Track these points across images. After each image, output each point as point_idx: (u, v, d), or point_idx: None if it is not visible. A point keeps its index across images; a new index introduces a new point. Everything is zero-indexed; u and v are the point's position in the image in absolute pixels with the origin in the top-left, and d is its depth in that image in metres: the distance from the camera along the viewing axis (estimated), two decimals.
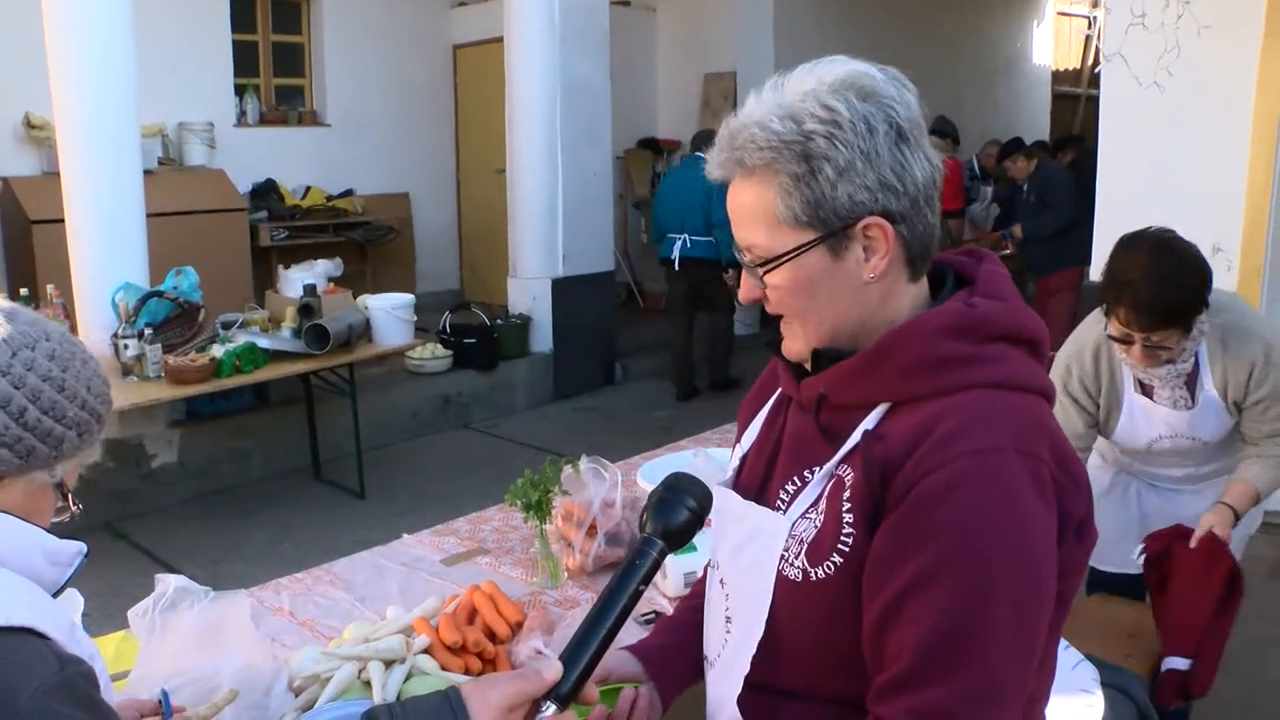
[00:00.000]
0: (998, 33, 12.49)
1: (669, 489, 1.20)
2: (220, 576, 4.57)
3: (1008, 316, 1.21)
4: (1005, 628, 1.07)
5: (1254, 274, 4.78)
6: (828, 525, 1.19)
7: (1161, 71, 4.60)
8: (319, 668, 1.72)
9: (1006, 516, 1.08)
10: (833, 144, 1.13)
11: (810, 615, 1.20)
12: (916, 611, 1.08)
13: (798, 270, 1.19)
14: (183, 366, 4.71)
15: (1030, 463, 1.11)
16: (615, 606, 1.13)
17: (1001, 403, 1.15)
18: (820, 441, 1.25)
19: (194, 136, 7.76)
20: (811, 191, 1.15)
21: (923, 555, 1.08)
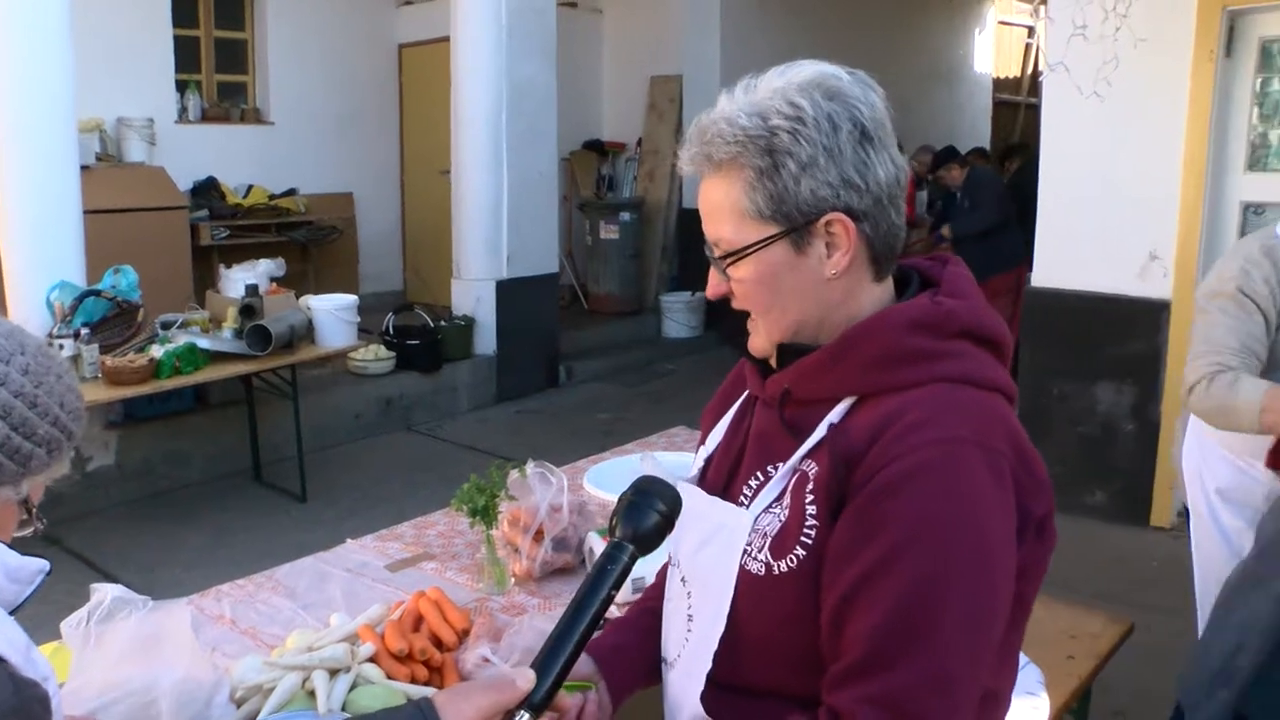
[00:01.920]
0: (941, 40, 12.64)
1: (638, 493, 1.20)
2: (157, 582, 4.49)
3: (971, 314, 1.23)
4: (958, 616, 1.09)
5: (1188, 281, 4.88)
6: (792, 518, 1.20)
7: (1101, 81, 4.68)
8: (261, 678, 1.70)
9: (962, 506, 1.10)
10: (796, 140, 1.16)
11: (773, 609, 1.21)
12: (870, 600, 1.10)
13: (761, 264, 1.22)
14: (121, 367, 4.62)
15: (989, 455, 1.13)
16: (587, 612, 1.13)
17: (963, 396, 1.17)
18: (785, 437, 1.26)
19: (133, 132, 7.63)
20: (775, 186, 1.17)
21: (878, 543, 1.10)
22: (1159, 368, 5.00)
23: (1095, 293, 5.14)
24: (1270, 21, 4.75)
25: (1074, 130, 5.10)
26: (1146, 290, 5.00)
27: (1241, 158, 4.86)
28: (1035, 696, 1.99)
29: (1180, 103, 4.81)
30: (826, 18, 10.09)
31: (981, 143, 12.18)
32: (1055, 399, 5.24)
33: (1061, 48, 4.89)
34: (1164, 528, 5.06)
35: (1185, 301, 4.91)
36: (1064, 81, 4.91)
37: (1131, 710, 3.53)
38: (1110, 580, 4.50)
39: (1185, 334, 4.90)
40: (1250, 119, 4.83)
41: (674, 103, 9.89)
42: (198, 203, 7.88)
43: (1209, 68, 4.72)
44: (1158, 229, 4.94)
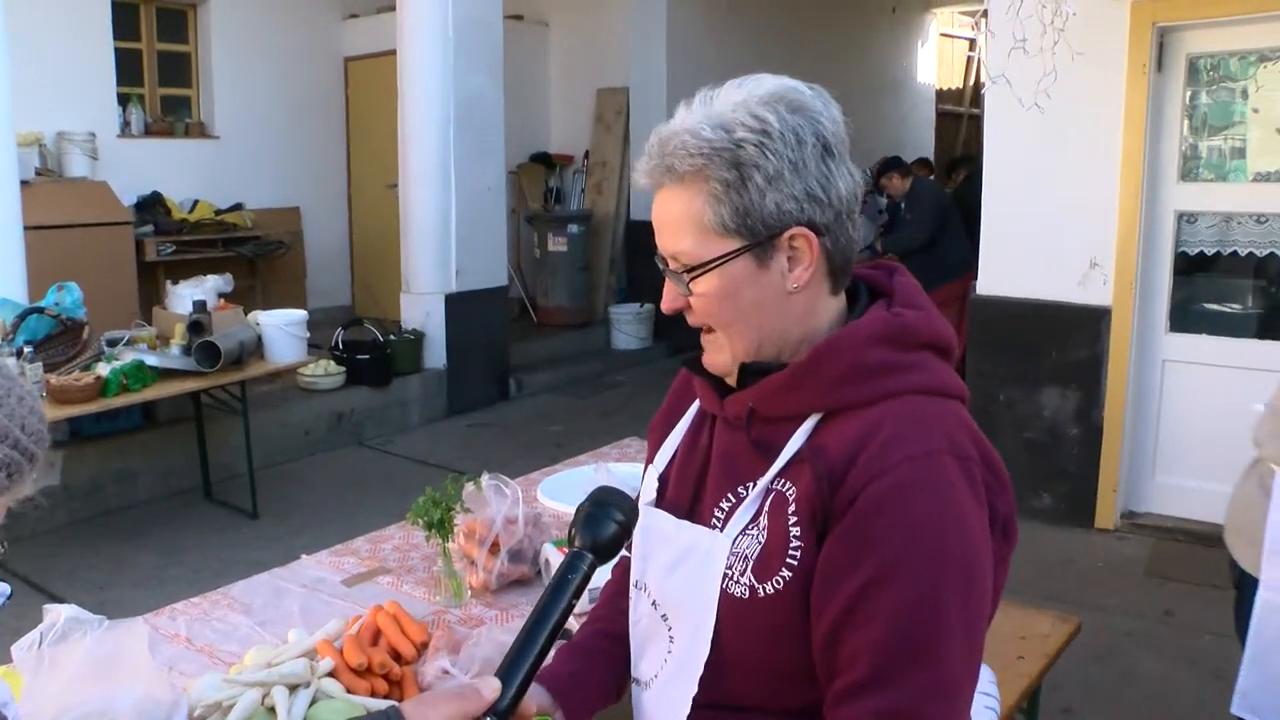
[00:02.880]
0: (885, 53, 12.80)
1: (596, 503, 1.20)
2: (107, 602, 4.43)
3: (928, 325, 1.25)
4: (956, 625, 1.11)
5: (1127, 288, 4.99)
6: (774, 540, 1.20)
7: (1041, 94, 4.77)
8: (220, 695, 1.69)
9: (948, 518, 1.13)
10: (763, 153, 1.16)
11: (759, 630, 1.21)
12: (869, 616, 1.11)
13: (724, 278, 1.21)
14: (66, 386, 4.56)
15: (963, 464, 1.16)
16: (549, 621, 1.14)
17: (930, 407, 1.19)
18: (753, 456, 1.26)
19: (74, 147, 7.52)
20: (741, 199, 1.17)
21: (872, 561, 1.11)
22: (1100, 373, 5.11)
23: (1038, 300, 5.24)
24: (1197, 38, 4.88)
25: (1015, 141, 5.21)
26: (1087, 297, 5.11)
27: (1174, 168, 4.99)
28: (989, 696, 2.03)
29: (1116, 115, 4.92)
30: (772, 30, 10.19)
31: (925, 153, 12.34)
32: (1001, 405, 5.33)
33: (1002, 61, 4.97)
34: (1108, 529, 5.16)
35: (1124, 308, 5.03)
36: (1005, 94, 4.99)
37: (1079, 707, 3.60)
38: (1057, 581, 4.59)
39: (1125, 339, 5.03)
40: (1181, 131, 4.96)
41: (621, 115, 9.93)
42: (142, 218, 7.79)
43: (1142, 82, 4.84)
44: (1097, 237, 5.05)
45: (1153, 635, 4.16)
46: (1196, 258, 5.09)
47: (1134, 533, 5.16)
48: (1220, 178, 5.03)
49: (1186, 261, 5.11)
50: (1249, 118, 4.93)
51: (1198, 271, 5.19)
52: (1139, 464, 5.25)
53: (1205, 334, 5.09)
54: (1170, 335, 5.12)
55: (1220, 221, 4.97)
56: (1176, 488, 5.17)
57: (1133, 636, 4.15)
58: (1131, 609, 4.39)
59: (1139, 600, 4.47)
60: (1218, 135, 5.03)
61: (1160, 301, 5.10)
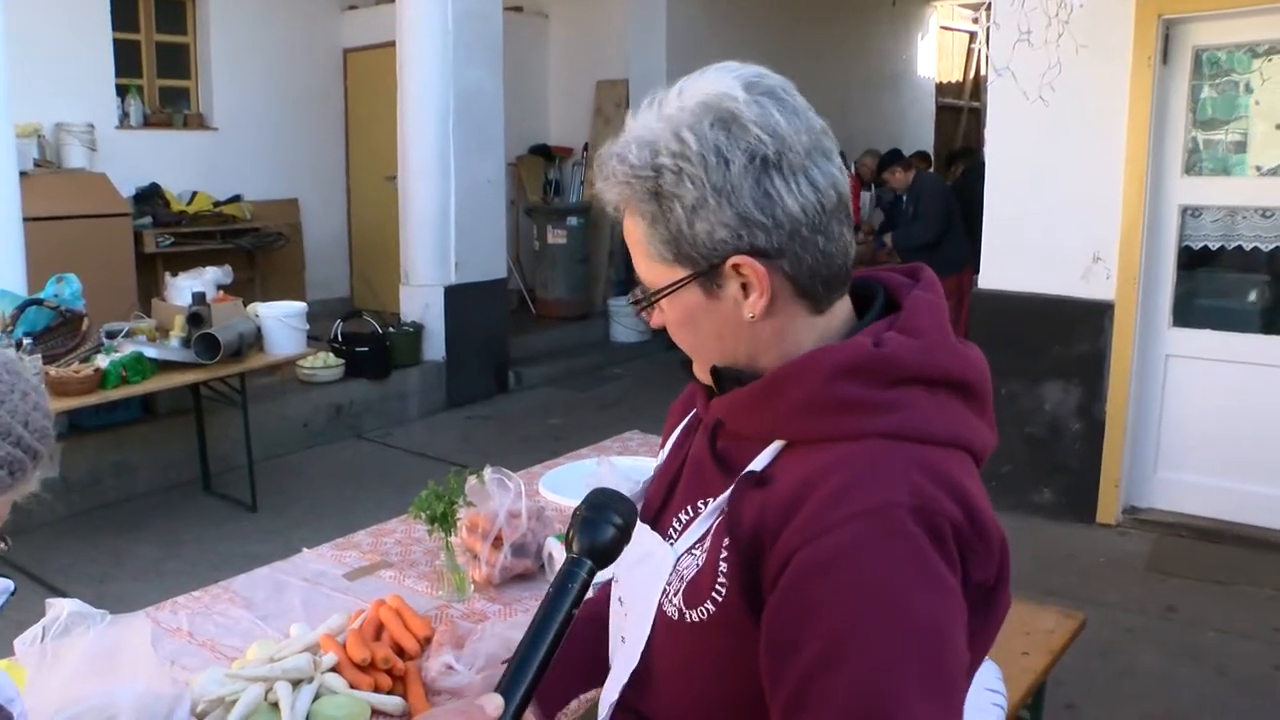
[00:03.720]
0: (884, 45, 12.78)
1: (593, 506, 1.16)
2: (106, 595, 4.42)
3: (921, 357, 1.09)
4: (918, 698, 0.96)
5: (1130, 283, 4.98)
6: (707, 568, 1.13)
7: (1045, 86, 4.76)
8: (223, 690, 1.68)
9: (901, 583, 0.98)
10: (680, 180, 1.05)
11: (680, 654, 1.17)
12: (820, 699, 0.98)
13: (676, 307, 1.14)
14: (65, 378, 4.54)
15: (929, 520, 1.00)
16: (549, 632, 1.10)
17: (899, 455, 1.04)
18: (715, 470, 1.19)
19: (73, 138, 7.49)
20: (667, 230, 1.08)
21: (816, 636, 0.99)
22: (1103, 368, 5.09)
23: (1040, 294, 5.22)
24: (1203, 31, 4.86)
25: (1019, 134, 5.19)
26: (1090, 292, 5.09)
27: (1178, 162, 4.97)
28: (996, 693, 2.02)
29: (1121, 108, 4.90)
30: (772, 22, 10.17)
31: (925, 146, 12.33)
32: (1004, 399, 5.31)
33: (1007, 53, 4.96)
34: (1110, 524, 5.15)
35: (1128, 302, 5.02)
36: (1009, 86, 4.98)
37: (1082, 703, 3.59)
38: (1059, 576, 4.58)
39: (1128, 334, 5.02)
40: (1186, 125, 4.94)
41: (620, 107, 9.90)
42: (141, 210, 7.77)
43: (1147, 74, 4.82)
44: (1101, 231, 5.03)
45: (1155, 631, 4.15)
46: (1200, 252, 5.08)
47: (1136, 528, 5.15)
48: (1224, 172, 5.01)
49: (1190, 256, 5.09)
50: (1252, 111, 4.91)
51: (1201, 266, 5.18)
52: (1141, 459, 5.24)
53: (1209, 329, 5.07)
54: (1173, 330, 5.10)
55: (1225, 215, 4.95)
56: (1179, 483, 5.16)
57: (1135, 632, 4.14)
58: (1133, 605, 4.38)
59: (1141, 596, 4.46)
60: (1221, 129, 5.01)
61: (1163, 296, 5.09)
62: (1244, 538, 4.93)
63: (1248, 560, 4.77)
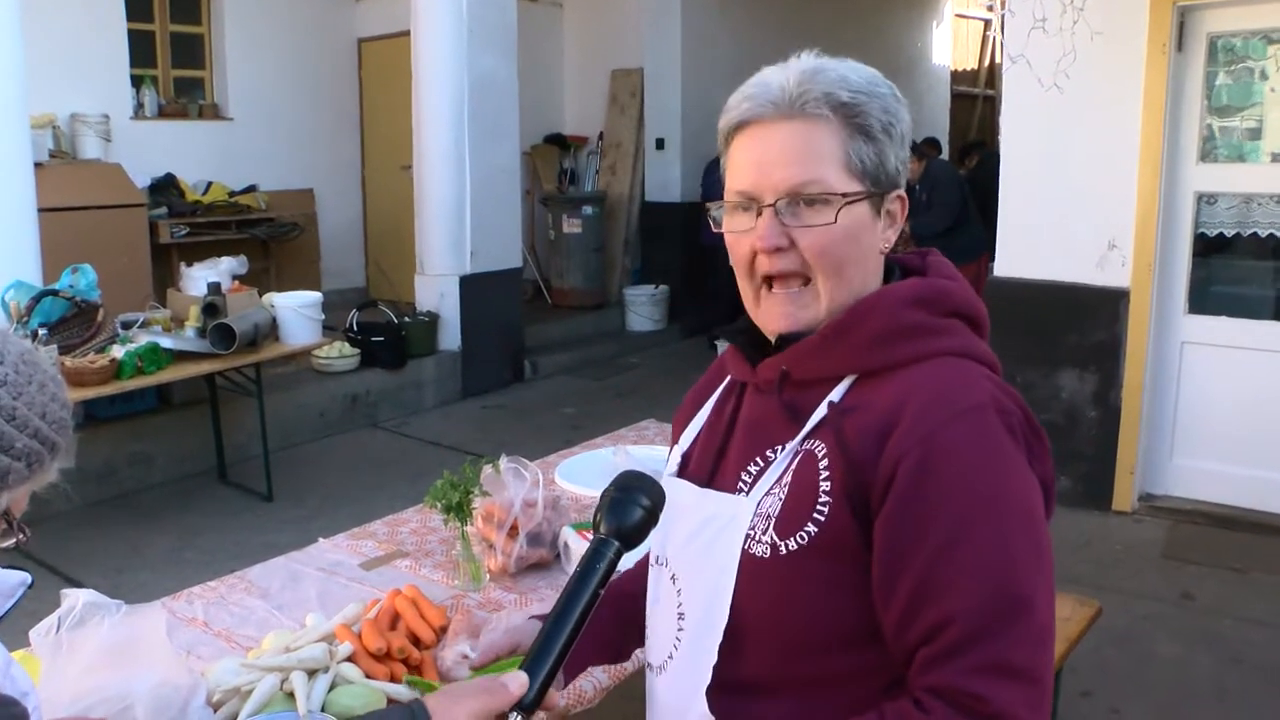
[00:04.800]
0: (899, 33, 12.71)
1: (621, 489, 1.18)
2: (122, 585, 4.45)
3: (962, 293, 1.27)
4: (1033, 567, 1.11)
5: (1146, 270, 4.95)
6: (802, 494, 1.18)
7: (1060, 74, 4.74)
8: (239, 680, 1.69)
9: (1003, 467, 1.13)
10: (896, 116, 1.22)
11: (779, 590, 1.19)
12: (950, 580, 1.09)
13: (852, 218, 1.21)
14: (81, 368, 4.56)
15: (1005, 417, 1.15)
16: (574, 610, 1.11)
17: (966, 368, 1.20)
18: (783, 420, 1.25)
19: (88, 129, 7.53)
20: (882, 146, 1.22)
21: (939, 524, 1.10)
22: (1119, 355, 5.07)
23: (1056, 282, 5.20)
24: (1218, 18, 4.82)
25: (1034, 122, 5.16)
26: (1106, 279, 5.07)
27: (1194, 149, 4.94)
28: None
29: (1135, 95, 4.87)
30: (785, 9, 10.12)
31: (940, 134, 12.28)
32: (1019, 386, 5.24)
33: (1022, 40, 4.93)
34: (1126, 512, 5.14)
35: (1143, 289, 4.99)
36: (1024, 74, 4.96)
37: (1098, 690, 3.58)
38: (1076, 564, 4.56)
39: (1144, 321, 4.99)
40: (1201, 112, 4.91)
41: (635, 96, 9.89)
42: (156, 200, 7.79)
43: (1162, 61, 4.79)
44: (1116, 219, 5.01)
45: (1171, 618, 4.14)
46: (1216, 239, 5.05)
47: (1152, 515, 5.13)
48: (1239, 158, 4.98)
49: (1205, 243, 5.06)
50: (1267, 98, 4.87)
51: (1217, 253, 5.14)
52: (1157, 446, 5.21)
53: (1225, 315, 5.04)
54: (1189, 317, 5.08)
55: (1240, 203, 4.92)
56: (1195, 470, 5.14)
57: (1151, 619, 4.13)
58: (1149, 592, 4.37)
59: (1157, 583, 4.45)
60: (1236, 116, 4.97)
61: (1179, 283, 5.06)
62: (1260, 524, 4.91)
63: (1264, 547, 4.75)
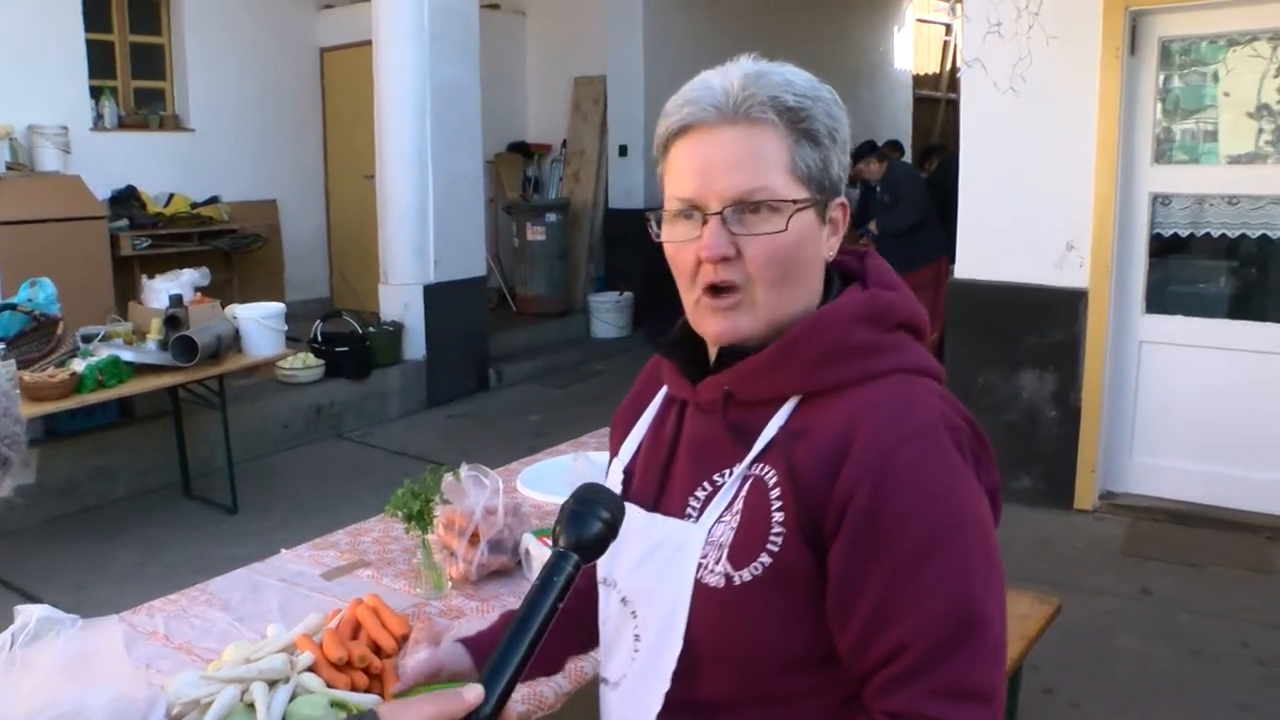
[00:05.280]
0: (861, 37, 12.80)
1: (580, 501, 1.17)
2: (84, 601, 4.41)
3: (905, 305, 1.25)
4: (988, 586, 1.11)
5: (1103, 270, 5.02)
6: (754, 525, 1.17)
7: (1017, 77, 4.79)
8: (198, 692, 1.68)
9: (956, 488, 1.13)
10: (833, 118, 1.20)
11: (735, 620, 1.18)
12: (908, 601, 1.09)
13: (798, 225, 1.18)
14: (40, 383, 4.52)
15: (953, 434, 1.15)
16: (532, 624, 1.09)
17: (915, 385, 1.18)
18: (729, 442, 1.23)
19: (46, 140, 7.43)
20: (826, 151, 1.20)
21: (897, 546, 1.09)
22: (1078, 355, 5.13)
23: (1015, 283, 5.26)
24: (1169, 22, 4.90)
25: (991, 125, 5.21)
26: (1064, 280, 5.13)
27: (1148, 151, 5.01)
28: None
29: (1091, 98, 4.93)
30: (749, 16, 10.17)
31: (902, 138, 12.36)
32: (980, 388, 5.35)
33: (978, 44, 4.99)
34: (1086, 510, 5.19)
35: (1101, 290, 5.06)
36: (981, 77, 5.01)
37: (1059, 687, 3.62)
38: (1037, 562, 4.61)
39: (1102, 321, 5.06)
40: (1154, 114, 4.98)
41: (598, 104, 9.91)
42: (117, 212, 7.72)
43: (1116, 65, 4.86)
44: (1073, 220, 5.07)
45: (1131, 613, 4.19)
46: (1171, 239, 5.12)
47: (1112, 513, 5.19)
48: (1193, 160, 5.06)
49: (1161, 243, 5.13)
50: (1219, 101, 4.96)
51: (1172, 253, 5.22)
52: (1116, 444, 5.28)
53: (1181, 315, 5.12)
54: (1146, 316, 5.15)
55: (1193, 203, 5.00)
56: (1154, 467, 5.21)
57: (1111, 615, 4.18)
58: (1110, 588, 4.42)
59: (1117, 580, 4.51)
60: (1190, 118, 5.05)
61: (1136, 283, 5.13)
62: (1215, 520, 4.98)
63: (1219, 542, 4.82)
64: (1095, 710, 3.52)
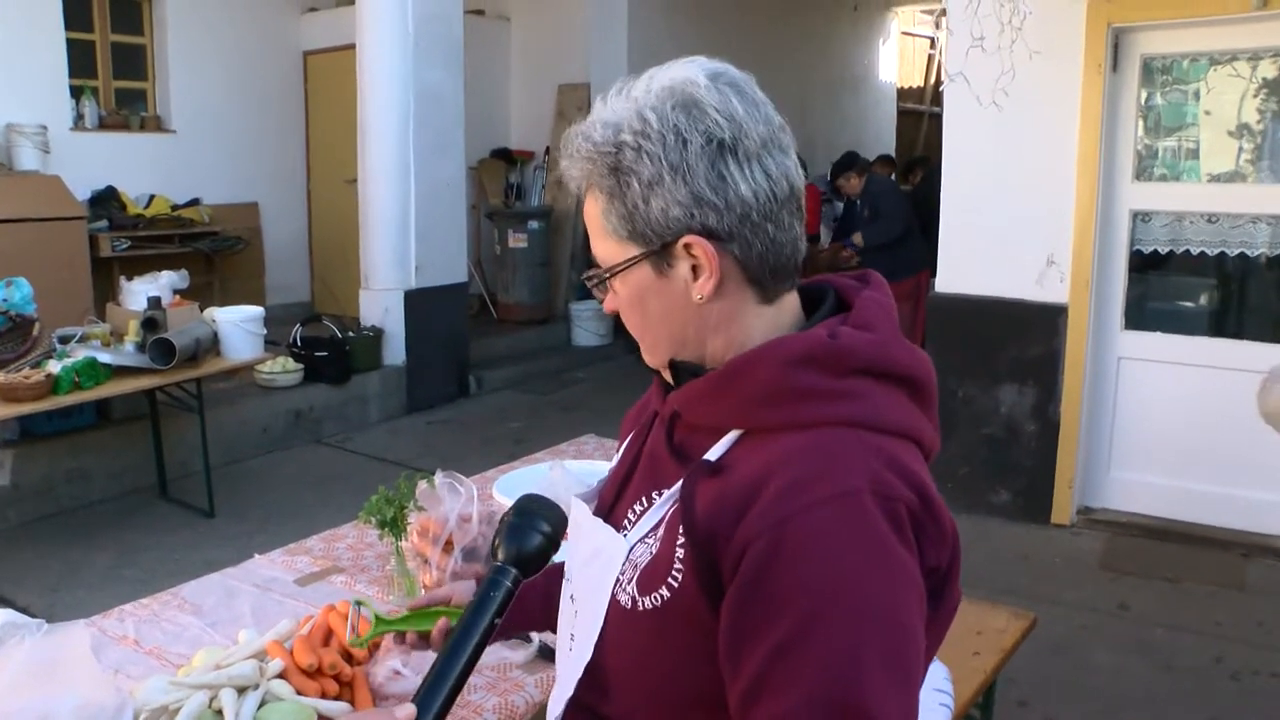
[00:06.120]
0: (846, 49, 12.86)
1: (520, 513, 1.14)
2: (59, 604, 4.37)
3: (874, 349, 1.10)
4: (883, 685, 0.97)
5: (1083, 286, 5.04)
6: (662, 555, 1.12)
7: (999, 92, 4.80)
8: (167, 698, 1.67)
9: (864, 568, 0.99)
10: (639, 156, 1.08)
11: (634, 643, 1.14)
12: (785, 681, 0.98)
13: (627, 286, 1.15)
14: (15, 384, 4.48)
15: (888, 505, 1.02)
16: (469, 642, 1.08)
17: (856, 442, 1.05)
18: (671, 462, 1.18)
19: (25, 140, 7.39)
20: (624, 205, 1.10)
21: (780, 623, 0.99)
22: (1057, 370, 5.15)
23: (995, 298, 5.28)
24: (1151, 40, 4.93)
25: (974, 139, 5.24)
26: (1044, 295, 5.15)
27: (1129, 168, 5.04)
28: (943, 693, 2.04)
29: (1073, 114, 4.96)
30: (733, 26, 10.21)
31: (887, 150, 12.43)
32: (960, 401, 5.36)
33: (961, 59, 5.01)
34: (1064, 524, 5.21)
35: (1081, 306, 5.08)
36: (964, 92, 5.03)
37: (1034, 700, 3.63)
38: (1014, 576, 4.63)
39: (1081, 336, 5.08)
40: (1136, 131, 5.01)
41: (582, 110, 9.89)
42: (97, 213, 7.68)
43: (1098, 81, 4.89)
44: (1054, 235, 5.09)
45: (1107, 628, 4.20)
46: (1150, 256, 5.15)
47: (1089, 528, 5.21)
48: (1174, 177, 5.09)
49: (1141, 260, 5.16)
50: (1200, 119, 4.99)
51: (1152, 270, 5.25)
52: (1095, 460, 5.30)
53: (1160, 331, 5.14)
54: (1125, 333, 5.17)
55: (1173, 221, 5.02)
56: (1131, 483, 5.23)
57: (1088, 630, 4.19)
58: (1086, 603, 4.44)
59: (1094, 594, 4.52)
60: (1171, 136, 5.08)
61: (1116, 299, 5.15)
62: (1191, 535, 5.01)
63: (1194, 557, 4.84)
64: None
